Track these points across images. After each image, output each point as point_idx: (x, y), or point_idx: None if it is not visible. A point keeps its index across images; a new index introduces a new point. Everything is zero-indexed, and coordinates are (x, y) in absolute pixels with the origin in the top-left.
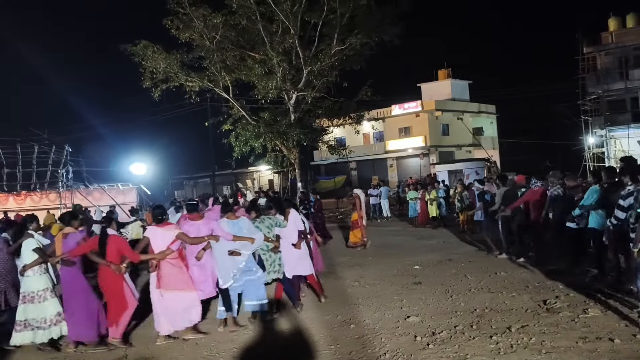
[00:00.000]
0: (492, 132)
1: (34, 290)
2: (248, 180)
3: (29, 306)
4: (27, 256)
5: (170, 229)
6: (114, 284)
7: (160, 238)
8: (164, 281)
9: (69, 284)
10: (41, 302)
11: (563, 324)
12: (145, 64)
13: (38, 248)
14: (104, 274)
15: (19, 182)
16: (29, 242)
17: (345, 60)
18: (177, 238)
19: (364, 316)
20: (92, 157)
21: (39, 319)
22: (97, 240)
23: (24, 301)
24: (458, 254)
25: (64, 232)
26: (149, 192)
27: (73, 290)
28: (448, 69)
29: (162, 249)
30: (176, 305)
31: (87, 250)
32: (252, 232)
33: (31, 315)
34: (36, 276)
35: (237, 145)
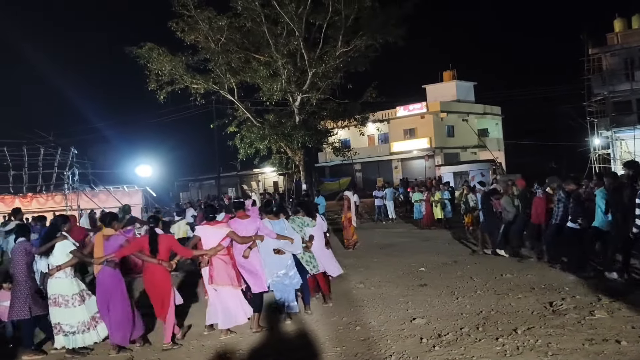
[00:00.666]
0: (497, 133)
1: (63, 293)
2: (253, 182)
3: (59, 310)
4: (60, 257)
5: (221, 227)
6: (163, 284)
7: (211, 236)
8: (216, 277)
9: (107, 286)
10: (70, 307)
11: (569, 326)
12: (151, 67)
13: (75, 249)
14: (153, 275)
15: (25, 184)
16: (64, 243)
17: (350, 62)
18: (228, 236)
19: (370, 318)
20: (97, 159)
21: (72, 324)
22: (146, 240)
23: (55, 304)
24: (463, 255)
25: (104, 233)
26: (154, 194)
27: (112, 292)
28: (453, 71)
29: (212, 246)
30: (232, 299)
31: (135, 251)
32: (292, 233)
33: (61, 319)
34: (68, 279)
35: (242, 147)
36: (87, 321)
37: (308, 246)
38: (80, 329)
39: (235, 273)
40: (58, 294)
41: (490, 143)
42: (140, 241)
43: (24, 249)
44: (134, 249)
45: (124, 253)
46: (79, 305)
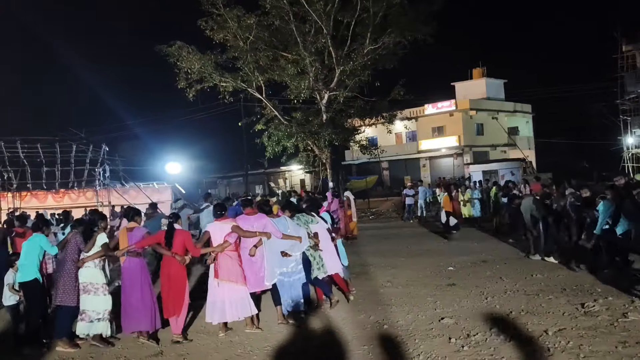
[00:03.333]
0: (527, 132)
1: (93, 281)
2: (280, 180)
3: (88, 297)
4: (96, 249)
5: (226, 222)
6: (178, 276)
7: (219, 231)
8: (221, 272)
9: (132, 276)
10: (98, 295)
11: (602, 328)
12: (180, 65)
13: (105, 243)
14: (170, 267)
15: (57, 181)
16: (102, 236)
17: (378, 59)
18: (232, 230)
19: (397, 317)
20: (128, 156)
21: (99, 311)
22: (164, 233)
23: (85, 291)
24: (492, 255)
25: (128, 226)
26: (183, 191)
27: (136, 282)
28: (483, 68)
29: (220, 242)
30: (230, 296)
31: (153, 242)
32: (296, 231)
33: (89, 306)
34: (97, 269)
35: (269, 145)
36: (107, 311)
37: (316, 242)
38: (105, 317)
39: (241, 270)
40: (88, 282)
41: (520, 141)
42: (158, 235)
43: (77, 241)
44: (152, 241)
45: (143, 244)
46: (107, 295)
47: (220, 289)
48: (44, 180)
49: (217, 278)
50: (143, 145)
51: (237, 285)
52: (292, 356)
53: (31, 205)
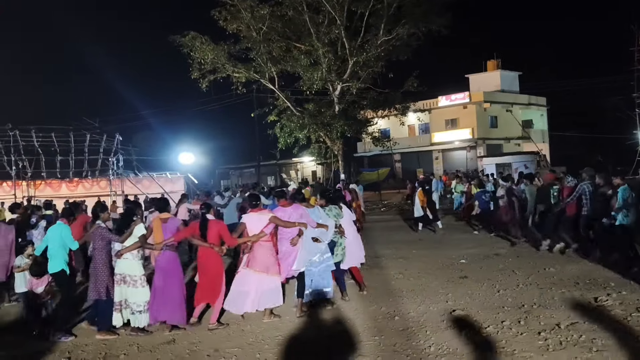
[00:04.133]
0: (542, 125)
1: (131, 274)
2: (292, 171)
3: (127, 289)
4: (133, 240)
5: (264, 214)
6: (215, 267)
7: (256, 222)
8: (254, 263)
9: (166, 268)
10: (138, 287)
11: (615, 322)
12: (194, 55)
13: (143, 234)
14: (206, 258)
15: (71, 170)
16: (140, 227)
17: (391, 50)
18: (271, 221)
19: (409, 309)
20: (141, 146)
21: (140, 303)
22: (198, 225)
23: (123, 282)
24: (505, 248)
25: (161, 217)
26: (196, 181)
27: (171, 273)
28: (497, 60)
29: (256, 233)
30: (260, 286)
31: (189, 235)
32: (325, 221)
33: (129, 297)
34: (135, 260)
35: (281, 136)
36: (144, 304)
37: (342, 231)
38: (145, 309)
39: (275, 260)
40: (126, 274)
41: (534, 134)
42: (193, 226)
43: (100, 233)
44: (188, 233)
45: (180, 237)
46: (142, 287)
47: (250, 278)
48: (58, 169)
49: (249, 268)
50: (156, 135)
51: (268, 275)
52: (303, 346)
53: (45, 194)
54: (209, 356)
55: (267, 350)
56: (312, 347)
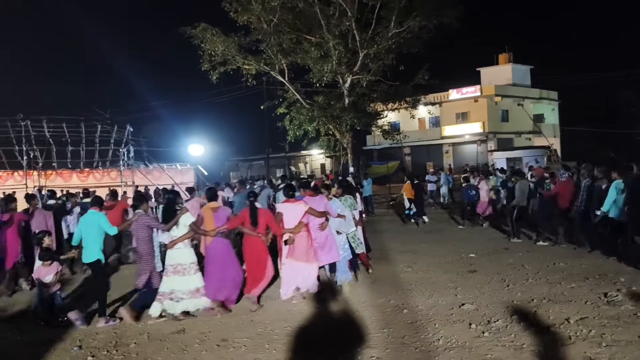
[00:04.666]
0: (553, 119)
1: (183, 262)
2: (301, 164)
3: (178, 278)
4: (183, 230)
5: (300, 205)
6: (261, 254)
7: (292, 212)
8: (295, 252)
9: (220, 255)
10: (186, 275)
11: (624, 318)
12: (204, 47)
13: (193, 223)
14: (254, 245)
15: (82, 160)
16: (187, 216)
17: (402, 43)
18: (307, 213)
19: (417, 302)
20: (152, 137)
21: (184, 291)
22: (248, 213)
23: (175, 272)
24: (515, 243)
25: (211, 206)
26: (205, 173)
27: (227, 259)
28: (509, 53)
29: (292, 222)
30: (302, 273)
31: (240, 223)
32: (343, 211)
33: (177, 286)
34: (187, 249)
35: (291, 129)
36: (197, 289)
37: (358, 223)
38: (189, 296)
39: (312, 250)
40: (178, 264)
41: (545, 129)
42: (244, 214)
43: (145, 222)
44: (240, 221)
45: (233, 225)
46: (195, 274)
47: (293, 266)
48: (69, 159)
49: (291, 258)
50: (166, 126)
51: (308, 264)
52: (312, 337)
53: (56, 184)
54: (218, 346)
55: (276, 341)
56: (321, 338)
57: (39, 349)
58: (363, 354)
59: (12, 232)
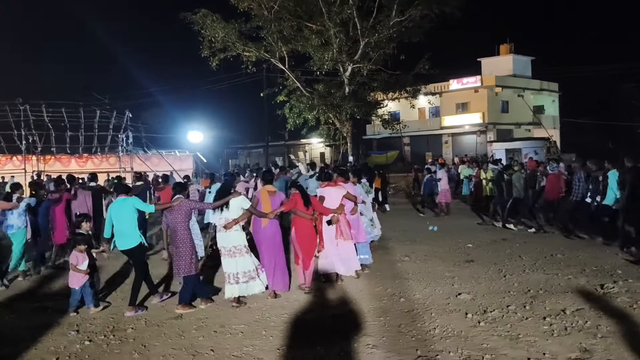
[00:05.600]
0: (553, 111)
1: (236, 244)
2: (300, 152)
3: (235, 260)
4: (236, 212)
5: (339, 189)
6: (314, 235)
7: (335, 195)
8: (339, 232)
9: (275, 237)
10: (243, 256)
11: (620, 309)
12: (204, 33)
13: (252, 205)
14: (304, 227)
15: (81, 145)
16: (242, 199)
17: (403, 32)
18: (345, 197)
19: (414, 291)
20: (151, 123)
21: (245, 271)
22: (299, 196)
23: (230, 255)
24: (512, 233)
25: (268, 190)
26: (204, 160)
27: (279, 242)
28: (510, 44)
29: (334, 205)
30: (345, 252)
31: (294, 206)
32: (365, 198)
33: (236, 269)
34: (240, 231)
35: (290, 117)
36: (254, 269)
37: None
38: (249, 276)
39: (349, 230)
40: (232, 246)
41: (545, 120)
42: (296, 198)
43: (189, 206)
44: (293, 204)
45: (289, 207)
46: (248, 255)
47: (339, 247)
48: (67, 144)
49: (337, 238)
50: (166, 113)
51: (350, 242)
52: (309, 324)
53: (55, 169)
54: (215, 332)
55: (273, 328)
56: (318, 325)
57: (37, 333)
58: (360, 342)
59: (60, 210)
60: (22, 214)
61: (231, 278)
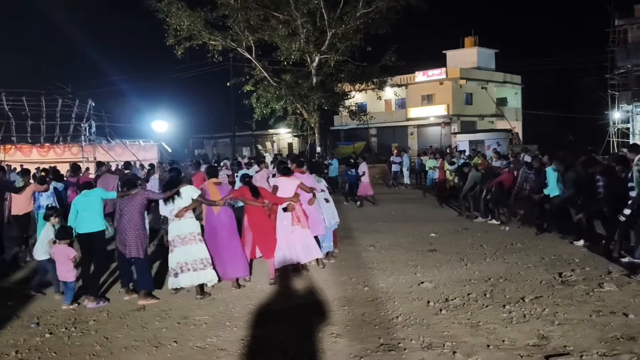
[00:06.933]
0: (516, 103)
1: (192, 231)
2: (267, 143)
3: (191, 247)
4: (187, 201)
5: (293, 179)
6: (267, 223)
7: (289, 186)
8: (300, 219)
9: (228, 224)
10: (199, 243)
11: (577, 297)
12: (169, 21)
13: (200, 194)
14: (256, 216)
15: (42, 135)
16: (192, 188)
17: (370, 23)
18: (299, 187)
19: (378, 280)
20: (114, 112)
21: (204, 257)
22: (248, 188)
23: (183, 243)
24: (475, 223)
25: (214, 182)
26: (169, 150)
27: (232, 229)
28: (475, 37)
29: (288, 195)
30: (303, 240)
31: (242, 195)
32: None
33: (196, 255)
34: (193, 219)
35: (257, 107)
36: (208, 258)
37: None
38: (204, 263)
39: (306, 218)
40: (188, 233)
41: (508, 112)
42: (245, 188)
43: (146, 195)
44: (240, 193)
45: (237, 195)
46: (202, 243)
47: (295, 234)
48: (29, 134)
49: (298, 224)
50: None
51: (307, 230)
52: (273, 314)
53: (16, 159)
54: (179, 323)
55: (238, 319)
56: (282, 315)
57: None
58: (324, 331)
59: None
60: (50, 196)
61: (180, 268)
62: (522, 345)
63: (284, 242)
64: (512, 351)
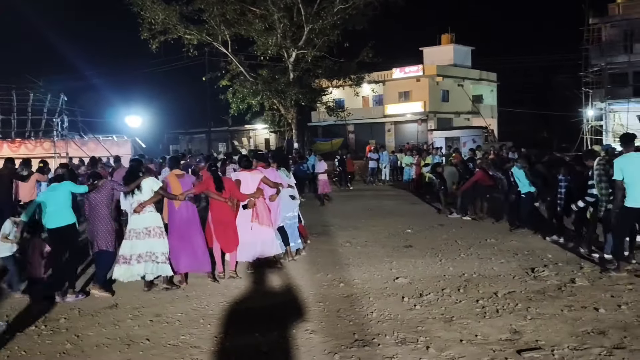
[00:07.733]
0: (492, 100)
1: (157, 225)
2: (244, 138)
3: (156, 240)
4: (148, 195)
5: (256, 173)
6: (232, 218)
7: (250, 180)
8: (260, 217)
9: (189, 218)
10: (162, 238)
11: (550, 292)
12: (144, 15)
13: (161, 187)
14: (221, 211)
15: (13, 129)
16: (153, 180)
17: (347, 19)
18: (262, 181)
19: (354, 276)
20: (87, 107)
21: (164, 252)
22: (212, 180)
23: (148, 235)
24: (450, 219)
25: (176, 174)
26: (143, 145)
27: (194, 223)
28: (451, 34)
29: (250, 190)
30: (263, 237)
31: (206, 188)
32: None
33: (158, 248)
34: (154, 212)
35: (234, 102)
36: (164, 253)
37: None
38: (164, 257)
39: (269, 214)
40: (155, 225)
41: (484, 109)
42: (208, 181)
43: (112, 186)
44: (204, 186)
45: (200, 189)
46: (163, 238)
47: (254, 231)
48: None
49: (253, 222)
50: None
51: (268, 228)
52: (248, 311)
53: None
54: (152, 321)
55: (211, 316)
56: (257, 312)
57: None
58: (298, 327)
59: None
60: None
61: (135, 259)
62: (494, 339)
63: (245, 237)
64: (485, 346)
